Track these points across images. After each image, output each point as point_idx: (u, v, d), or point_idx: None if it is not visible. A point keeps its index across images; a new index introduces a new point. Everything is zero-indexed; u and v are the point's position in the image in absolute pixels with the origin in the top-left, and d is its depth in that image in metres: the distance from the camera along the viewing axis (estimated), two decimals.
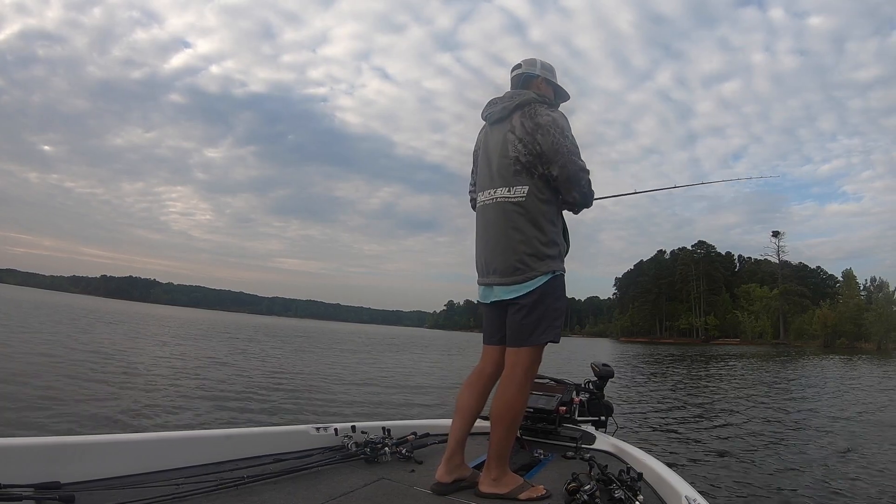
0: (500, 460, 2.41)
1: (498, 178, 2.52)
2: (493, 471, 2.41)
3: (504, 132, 2.51)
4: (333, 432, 2.86)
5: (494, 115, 2.61)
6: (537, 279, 2.42)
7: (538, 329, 2.43)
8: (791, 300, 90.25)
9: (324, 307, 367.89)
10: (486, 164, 2.61)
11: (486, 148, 2.63)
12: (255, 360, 17.69)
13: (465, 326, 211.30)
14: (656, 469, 2.61)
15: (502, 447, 2.41)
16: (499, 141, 2.53)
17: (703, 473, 6.20)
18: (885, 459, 7.24)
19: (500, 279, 2.48)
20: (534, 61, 2.70)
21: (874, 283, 79.13)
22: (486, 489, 2.40)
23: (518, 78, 2.68)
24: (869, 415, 11.66)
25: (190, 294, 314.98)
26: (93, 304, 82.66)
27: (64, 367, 11.20)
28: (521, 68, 2.69)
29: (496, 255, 2.49)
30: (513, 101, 2.53)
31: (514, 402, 2.42)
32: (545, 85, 2.69)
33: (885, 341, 64.97)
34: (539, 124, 2.42)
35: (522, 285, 2.43)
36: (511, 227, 2.45)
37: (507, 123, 2.52)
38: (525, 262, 2.42)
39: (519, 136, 2.45)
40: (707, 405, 12.62)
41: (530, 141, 2.42)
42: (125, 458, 2.16)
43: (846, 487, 5.88)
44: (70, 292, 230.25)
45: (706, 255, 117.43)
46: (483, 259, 2.57)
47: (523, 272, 2.42)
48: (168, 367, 13.35)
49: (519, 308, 2.44)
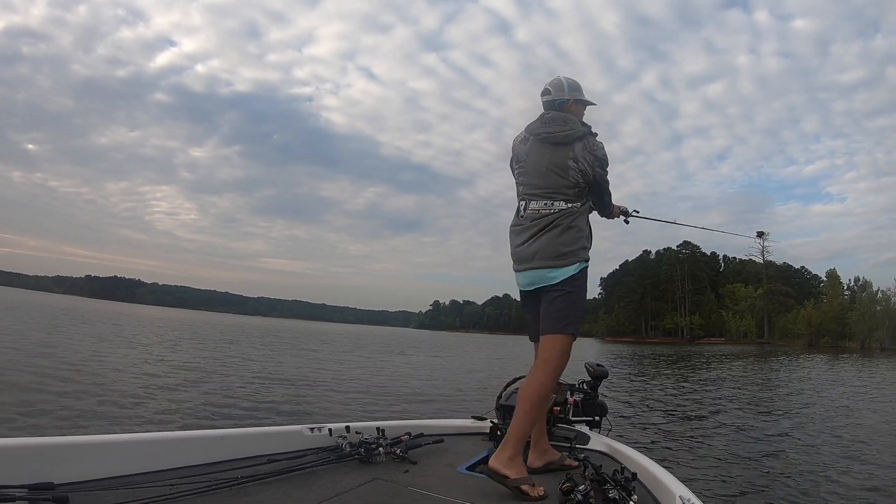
0: (518, 441, 2.53)
1: (555, 192, 2.85)
2: (508, 449, 2.49)
3: (565, 157, 2.84)
4: (328, 433, 2.84)
5: (552, 138, 2.89)
6: (575, 265, 2.78)
7: (570, 320, 2.75)
8: (775, 300, 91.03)
9: (310, 307, 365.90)
10: (539, 177, 2.91)
11: (536, 162, 2.93)
12: (247, 361, 17.63)
13: (450, 326, 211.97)
14: (650, 469, 2.63)
15: (523, 427, 2.58)
16: (557, 162, 2.86)
17: (696, 473, 6.25)
18: (874, 455, 7.36)
19: (547, 262, 2.80)
20: (560, 84, 2.99)
21: (858, 283, 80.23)
22: (496, 465, 2.46)
23: (552, 104, 2.98)
24: (856, 412, 11.87)
25: (175, 294, 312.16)
26: (78, 304, 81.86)
27: (56, 368, 11.07)
28: (551, 94, 2.98)
29: (541, 245, 2.82)
30: (571, 130, 2.86)
31: (542, 385, 2.67)
32: (576, 106, 3.01)
33: (868, 340, 65.82)
34: (598, 158, 2.86)
35: (567, 269, 2.77)
36: (560, 225, 2.81)
37: (569, 150, 2.85)
38: (569, 251, 2.79)
39: (581, 167, 2.83)
40: (697, 404, 12.73)
41: (590, 171, 2.85)
42: (119, 458, 2.14)
43: (836, 483, 5.96)
44: (54, 292, 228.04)
45: (691, 255, 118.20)
46: (531, 250, 2.85)
47: (567, 257, 2.77)
48: (160, 368, 13.27)
49: (556, 295, 2.77)
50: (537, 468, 2.82)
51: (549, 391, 2.77)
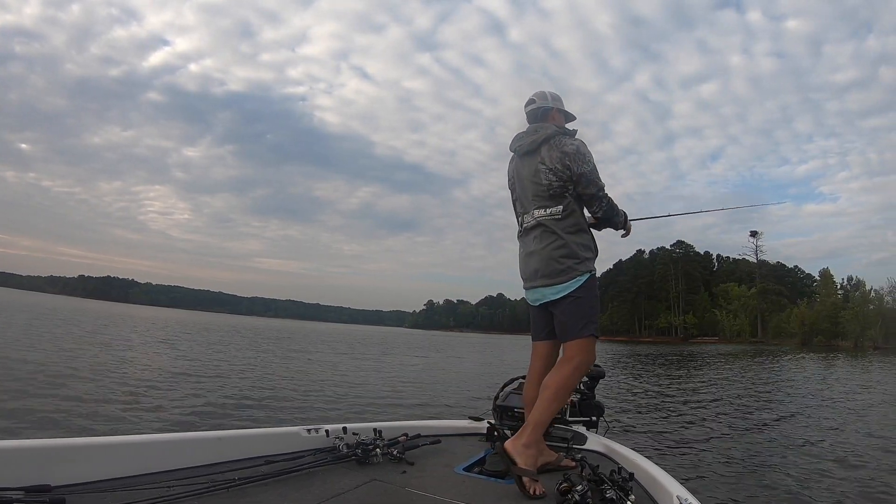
0: (536, 428, 2.61)
1: (536, 200, 2.90)
2: (526, 436, 2.57)
3: (535, 164, 2.88)
4: (325, 433, 2.83)
5: (523, 149, 2.96)
6: (578, 279, 2.79)
7: (585, 323, 2.78)
8: (769, 299, 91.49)
9: (304, 307, 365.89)
10: (523, 191, 2.98)
11: (520, 177, 3.00)
12: (244, 362, 17.55)
13: (444, 326, 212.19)
14: (648, 469, 2.62)
15: (543, 414, 2.64)
16: (531, 171, 2.90)
17: (694, 473, 6.23)
18: (872, 454, 7.36)
19: (547, 281, 2.84)
20: (544, 94, 3.08)
21: (851, 282, 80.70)
22: (510, 448, 2.54)
23: (535, 112, 3.04)
24: (853, 411, 11.85)
25: (169, 294, 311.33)
26: (72, 304, 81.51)
27: (51, 369, 10.99)
28: (536, 103, 3.05)
29: (542, 263, 2.86)
30: (538, 136, 2.89)
31: (566, 378, 2.72)
32: (558, 115, 3.06)
33: (861, 339, 66.20)
34: (566, 153, 2.81)
35: (567, 284, 2.79)
36: (552, 238, 2.84)
37: (537, 156, 2.88)
38: (567, 265, 2.80)
39: (549, 167, 2.82)
40: (693, 404, 12.73)
41: (560, 168, 2.81)
42: (116, 460, 2.13)
43: (833, 481, 5.96)
44: (47, 292, 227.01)
45: (685, 254, 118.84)
46: (531, 268, 2.92)
47: (566, 273, 2.79)
48: (157, 369, 13.17)
49: (567, 305, 2.80)
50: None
51: (573, 384, 2.81)
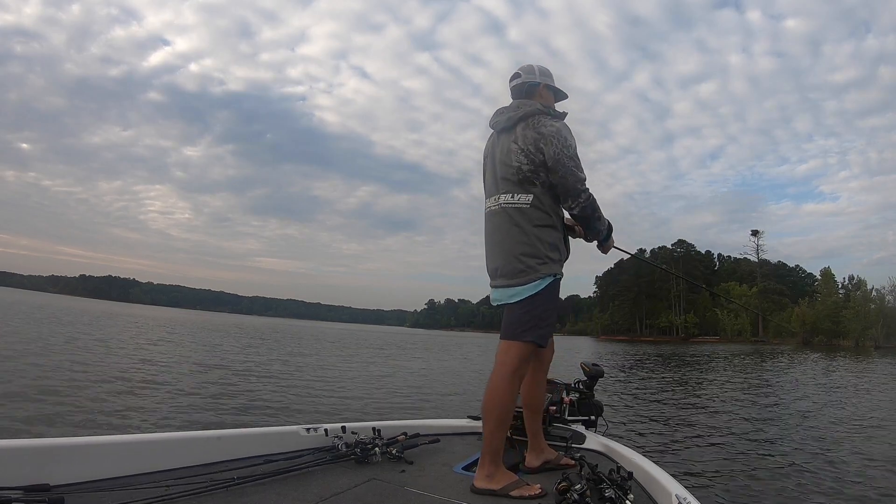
0: (492, 456, 2.46)
1: (503, 184, 2.58)
2: (486, 467, 2.45)
3: (509, 142, 2.56)
4: (324, 433, 2.84)
5: (500, 125, 2.64)
6: (538, 282, 2.50)
7: (529, 327, 2.50)
8: (770, 298, 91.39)
9: (305, 307, 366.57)
10: (492, 171, 2.67)
11: (493, 156, 2.68)
12: (243, 361, 17.56)
13: (446, 325, 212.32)
14: (646, 468, 2.62)
15: (493, 442, 2.46)
16: (504, 150, 2.58)
17: (693, 472, 6.24)
18: (872, 454, 7.35)
19: (505, 281, 2.56)
20: (531, 68, 2.72)
21: (852, 281, 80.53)
22: (481, 485, 2.42)
23: (520, 87, 2.71)
24: (853, 410, 11.84)
25: (170, 294, 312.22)
26: (74, 304, 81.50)
27: (51, 369, 11.03)
28: (521, 77, 2.71)
29: (501, 258, 2.58)
30: (517, 112, 2.57)
31: (500, 395, 2.47)
32: (546, 91, 2.73)
33: (862, 339, 66.03)
34: (542, 134, 2.48)
35: (525, 287, 2.51)
36: (515, 231, 2.53)
37: (512, 133, 2.56)
38: (528, 265, 2.50)
39: (521, 147, 2.50)
40: (693, 403, 12.74)
41: (533, 150, 2.48)
42: (115, 459, 2.13)
43: (833, 480, 5.96)
44: (48, 292, 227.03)
45: (686, 253, 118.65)
46: (492, 265, 2.65)
47: (526, 274, 2.50)
48: (157, 368, 13.19)
49: (519, 307, 2.53)
50: (534, 468, 2.80)
51: (509, 398, 2.48)
